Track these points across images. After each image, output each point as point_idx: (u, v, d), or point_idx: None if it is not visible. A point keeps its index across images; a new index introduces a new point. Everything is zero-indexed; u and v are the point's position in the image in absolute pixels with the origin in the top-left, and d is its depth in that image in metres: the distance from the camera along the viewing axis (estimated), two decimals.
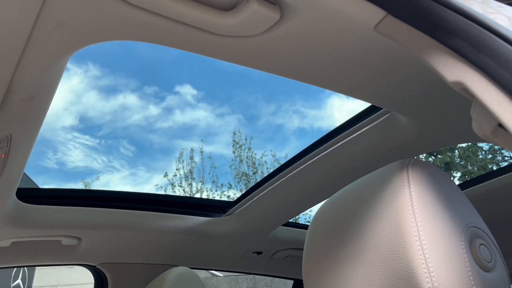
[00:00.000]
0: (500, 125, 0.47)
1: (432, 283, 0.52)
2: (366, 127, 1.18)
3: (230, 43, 0.74)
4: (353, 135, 1.21)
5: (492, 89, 0.47)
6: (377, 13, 0.61)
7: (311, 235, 0.72)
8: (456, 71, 0.51)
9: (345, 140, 1.24)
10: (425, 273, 0.52)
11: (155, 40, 0.73)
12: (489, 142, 0.54)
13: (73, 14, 0.64)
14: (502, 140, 0.47)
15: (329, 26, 0.71)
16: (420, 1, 0.54)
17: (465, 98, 0.54)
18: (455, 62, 0.52)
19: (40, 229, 1.36)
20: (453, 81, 0.52)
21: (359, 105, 1.04)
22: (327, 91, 0.94)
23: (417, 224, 0.55)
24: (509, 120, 0.44)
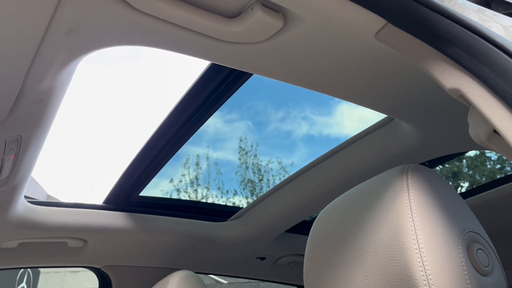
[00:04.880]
0: (496, 131, 0.48)
1: (429, 286, 0.52)
2: (370, 134, 1.19)
3: (235, 49, 0.76)
4: (357, 142, 1.23)
5: (488, 96, 0.48)
6: (378, 21, 0.62)
7: (312, 239, 0.73)
8: (453, 79, 0.53)
9: (349, 147, 1.25)
10: (423, 276, 0.53)
11: (163, 45, 0.75)
12: (485, 148, 0.55)
13: (84, 19, 0.66)
14: (497, 145, 0.48)
15: (331, 34, 0.72)
16: (419, 10, 0.56)
17: (466, 106, 0.55)
18: (453, 70, 0.53)
19: (46, 231, 1.38)
20: (451, 88, 0.53)
21: (369, 113, 1.05)
22: (337, 98, 0.95)
23: (415, 228, 0.56)
24: (503, 126, 0.45)
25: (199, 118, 1.20)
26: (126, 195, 1.51)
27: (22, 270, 6.23)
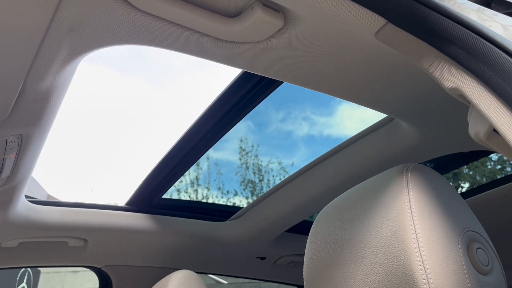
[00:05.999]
0: (495, 130, 0.48)
1: (429, 285, 0.53)
2: (370, 134, 1.19)
3: (235, 48, 0.77)
4: (357, 142, 1.23)
5: (487, 95, 0.48)
6: (378, 21, 0.62)
7: (312, 238, 0.73)
8: (453, 78, 0.53)
9: (349, 147, 1.25)
10: (422, 275, 0.53)
11: (163, 44, 0.75)
12: (484, 147, 0.55)
13: (85, 18, 0.67)
14: (497, 144, 0.48)
15: (331, 34, 0.73)
16: (419, 10, 0.56)
17: (466, 105, 0.55)
18: (452, 69, 0.53)
19: (47, 230, 1.38)
20: (450, 87, 0.53)
21: (369, 113, 1.05)
22: (337, 98, 0.96)
23: (415, 227, 0.56)
24: (503, 125, 0.45)
25: (226, 124, 1.24)
26: (148, 198, 1.56)
27: (22, 270, 6.23)
